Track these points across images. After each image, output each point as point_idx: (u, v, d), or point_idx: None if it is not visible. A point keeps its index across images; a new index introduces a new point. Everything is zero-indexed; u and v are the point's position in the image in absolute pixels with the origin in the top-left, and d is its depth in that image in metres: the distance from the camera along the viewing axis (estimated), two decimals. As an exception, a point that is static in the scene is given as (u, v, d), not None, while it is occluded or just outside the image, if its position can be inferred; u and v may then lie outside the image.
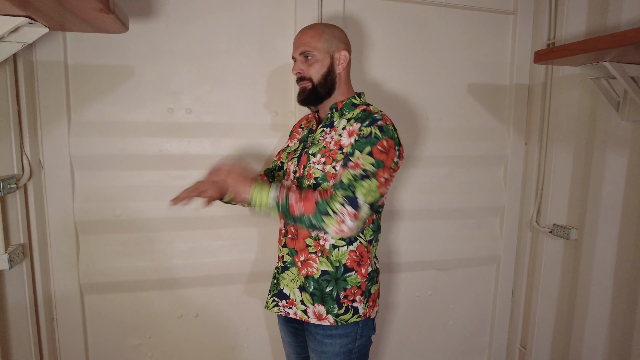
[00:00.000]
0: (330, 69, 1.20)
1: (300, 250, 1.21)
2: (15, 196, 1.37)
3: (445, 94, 1.91)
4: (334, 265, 1.17)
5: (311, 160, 1.18)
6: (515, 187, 2.04)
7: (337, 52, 1.21)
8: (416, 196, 1.93)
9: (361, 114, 1.16)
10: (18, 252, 1.33)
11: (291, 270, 1.24)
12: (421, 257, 1.98)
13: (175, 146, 1.64)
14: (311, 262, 1.19)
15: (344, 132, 1.15)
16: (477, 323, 2.15)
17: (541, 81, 1.93)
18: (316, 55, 1.19)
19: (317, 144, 1.20)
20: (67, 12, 0.87)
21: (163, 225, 1.68)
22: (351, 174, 1.05)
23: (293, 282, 1.23)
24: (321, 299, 1.19)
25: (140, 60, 1.59)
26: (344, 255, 1.17)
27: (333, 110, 1.22)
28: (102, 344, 1.70)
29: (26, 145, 1.43)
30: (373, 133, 1.09)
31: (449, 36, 1.87)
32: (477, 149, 1.98)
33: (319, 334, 1.21)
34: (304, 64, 1.21)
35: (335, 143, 1.15)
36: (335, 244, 1.17)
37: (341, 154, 1.12)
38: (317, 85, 1.20)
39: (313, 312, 1.20)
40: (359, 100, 1.24)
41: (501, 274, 2.09)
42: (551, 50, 1.37)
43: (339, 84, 1.23)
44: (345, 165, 1.07)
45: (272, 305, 1.28)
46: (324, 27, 1.22)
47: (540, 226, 1.94)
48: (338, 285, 1.18)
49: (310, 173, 1.16)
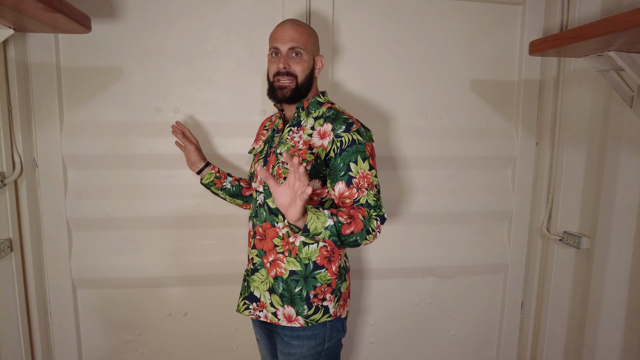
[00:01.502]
0: (311, 71, 1.21)
1: (269, 251, 1.19)
2: (4, 193, 1.42)
3: (445, 91, 1.81)
4: (303, 263, 1.16)
5: (279, 159, 1.17)
6: (524, 190, 1.89)
7: (317, 56, 1.22)
8: (413, 199, 1.83)
9: (328, 113, 1.17)
10: (4, 247, 1.39)
11: (261, 272, 1.22)
12: (419, 263, 1.88)
13: (163, 146, 1.65)
14: (279, 263, 1.17)
15: (314, 132, 1.15)
16: (482, 335, 2.01)
17: (553, 76, 1.78)
18: (304, 54, 1.18)
19: (285, 142, 1.19)
20: (12, 11, 0.88)
21: (152, 223, 1.70)
22: (372, 195, 1.08)
23: (263, 285, 1.21)
24: (290, 300, 1.17)
25: (129, 61, 1.61)
26: (314, 252, 1.16)
27: (299, 110, 1.20)
28: (94, 338, 1.75)
29: (19, 144, 1.49)
30: (356, 140, 1.10)
31: (449, 30, 1.77)
32: (482, 150, 1.85)
33: (286, 336, 1.19)
34: (291, 60, 1.16)
35: (304, 142, 1.14)
36: (305, 241, 1.15)
37: (311, 154, 1.12)
38: (300, 84, 1.18)
39: (283, 314, 1.18)
40: (323, 99, 1.24)
41: (509, 284, 1.95)
42: (544, 40, 1.25)
43: (313, 85, 1.23)
44: (351, 183, 1.07)
45: (243, 309, 1.26)
46: (309, 28, 1.22)
47: (551, 233, 1.78)
48: (307, 284, 1.16)
49: (280, 173, 1.16)
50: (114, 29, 1.59)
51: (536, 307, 1.91)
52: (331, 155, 1.10)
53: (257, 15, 1.66)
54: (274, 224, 1.17)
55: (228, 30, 1.65)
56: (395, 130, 1.78)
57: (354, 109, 1.73)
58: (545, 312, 1.83)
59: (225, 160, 1.70)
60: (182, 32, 1.63)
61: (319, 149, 1.11)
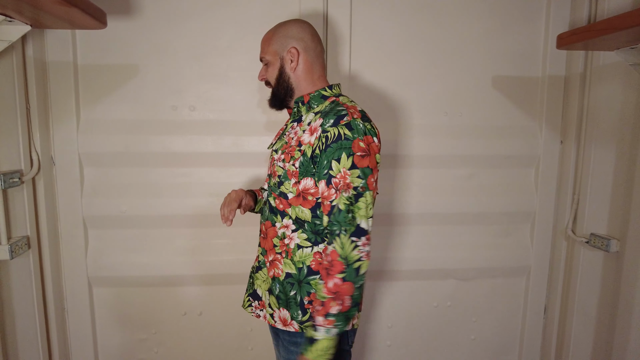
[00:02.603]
0: (281, 70, 1.14)
1: (269, 250, 1.16)
2: (22, 190, 1.43)
3: (466, 87, 1.75)
4: (297, 267, 1.10)
5: (274, 156, 1.14)
6: (548, 191, 1.82)
7: (285, 52, 1.13)
8: (432, 199, 1.78)
9: (328, 107, 1.08)
10: (21, 244, 1.39)
11: (263, 270, 1.19)
12: (438, 264, 1.82)
13: (178, 144, 1.64)
14: (277, 263, 1.13)
15: (308, 127, 1.08)
16: (503, 340, 1.95)
17: (579, 71, 1.70)
18: (269, 59, 1.16)
19: (282, 139, 1.16)
20: (28, 6, 0.87)
21: (167, 222, 1.69)
22: (345, 197, 0.97)
23: (265, 284, 1.19)
24: (286, 303, 1.12)
25: (144, 58, 1.61)
26: (308, 257, 1.09)
27: (299, 104, 1.15)
28: (110, 336, 1.75)
29: (37, 141, 1.50)
30: (342, 134, 0.98)
31: (470, 24, 1.71)
32: (504, 148, 1.79)
33: (285, 340, 1.15)
34: (264, 69, 1.19)
35: (297, 139, 1.09)
36: (300, 244, 1.09)
37: (298, 150, 1.06)
38: (274, 88, 1.17)
39: (279, 316, 1.14)
40: (330, 92, 1.14)
41: (531, 287, 1.88)
42: (573, 33, 1.19)
43: (297, 82, 1.14)
44: (330, 183, 0.98)
45: (247, 305, 1.24)
46: (276, 28, 1.17)
47: (577, 235, 1.71)
48: (302, 289, 1.10)
49: (275, 170, 1.12)
50: (129, 26, 1.58)
51: (560, 312, 1.84)
52: (316, 152, 1.01)
53: (271, 11, 1.63)
54: (274, 223, 1.14)
55: (243, 27, 1.63)
56: (414, 127, 1.73)
57: (371, 104, 1.69)
58: (571, 317, 1.75)
59: (240, 159, 1.68)
60: (197, 29, 1.61)
61: (306, 145, 1.04)
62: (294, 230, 1.09)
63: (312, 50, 1.14)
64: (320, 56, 1.16)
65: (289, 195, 1.07)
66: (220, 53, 1.63)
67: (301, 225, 1.08)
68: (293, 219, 1.08)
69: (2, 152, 1.35)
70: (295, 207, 1.07)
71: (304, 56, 1.13)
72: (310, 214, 1.06)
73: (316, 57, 1.15)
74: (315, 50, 1.15)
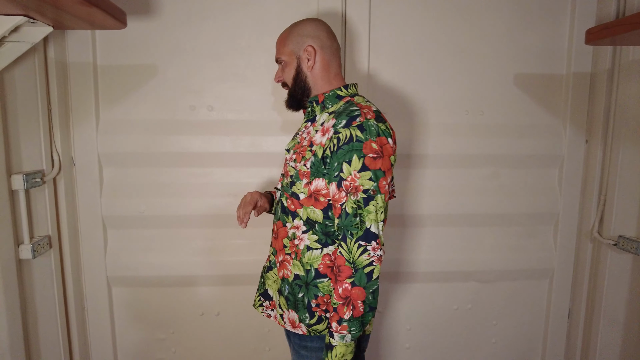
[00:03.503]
0: (298, 70, 1.12)
1: (279, 251, 1.15)
2: (43, 190, 1.45)
3: (488, 85, 1.71)
4: (305, 269, 1.08)
5: (286, 156, 1.13)
6: (572, 191, 1.77)
7: (301, 51, 1.11)
8: (452, 199, 1.75)
9: (342, 107, 1.05)
10: (43, 244, 1.40)
11: (274, 270, 1.18)
12: (458, 266, 1.79)
13: (196, 144, 1.64)
14: (286, 264, 1.12)
15: (320, 127, 1.05)
16: (526, 343, 1.90)
17: (606, 68, 1.65)
18: (285, 59, 1.14)
19: (294, 139, 1.14)
20: (50, 7, 0.87)
21: (185, 222, 1.69)
22: (353, 201, 0.95)
23: (275, 284, 1.17)
24: (294, 305, 1.10)
25: (163, 59, 1.61)
26: (316, 259, 1.06)
27: (314, 104, 1.12)
28: (129, 335, 1.76)
29: (57, 142, 1.51)
30: (354, 136, 0.95)
31: (492, 21, 1.67)
32: (527, 148, 1.74)
33: (295, 343, 1.14)
34: (280, 71, 1.17)
35: (309, 140, 1.07)
36: (309, 246, 1.07)
37: (309, 151, 1.03)
38: (291, 89, 1.15)
39: (288, 318, 1.12)
40: (345, 92, 1.11)
41: (555, 290, 1.83)
42: (605, 27, 1.14)
43: (313, 81, 1.12)
44: (340, 185, 0.96)
45: (258, 304, 1.23)
46: (291, 28, 1.14)
47: (603, 237, 1.66)
48: (309, 292, 1.07)
49: (287, 170, 1.11)
50: (148, 26, 1.58)
51: (586, 316, 1.79)
52: (327, 154, 0.99)
53: (289, 10, 1.62)
54: (285, 223, 1.12)
55: (261, 26, 1.62)
56: (434, 126, 1.70)
57: (390, 103, 1.67)
58: (597, 322, 1.70)
59: (258, 159, 1.67)
60: (216, 29, 1.61)
61: (317, 146, 1.02)
62: (304, 232, 1.07)
63: (328, 47, 1.12)
64: (336, 54, 1.14)
65: (301, 195, 1.06)
66: (239, 53, 1.63)
67: (312, 226, 1.06)
68: (304, 220, 1.07)
69: (25, 152, 1.36)
70: (307, 207, 1.05)
71: (320, 54, 1.11)
72: (322, 215, 1.04)
73: (332, 55, 1.13)
74: (332, 47, 1.13)
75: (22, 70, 1.34)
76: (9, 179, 1.29)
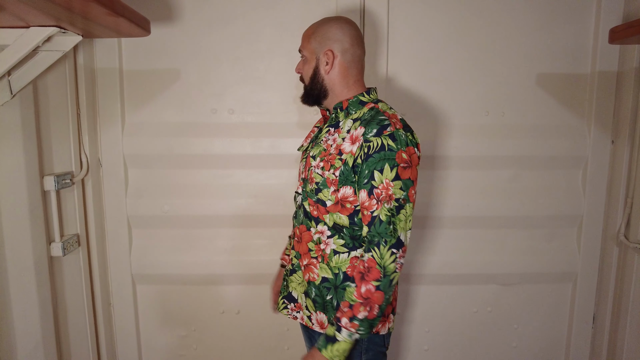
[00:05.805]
0: (315, 70, 1.12)
1: (304, 254, 1.16)
2: (72, 191, 1.51)
3: (509, 86, 1.69)
4: (334, 272, 1.09)
5: (312, 163, 1.11)
6: (597, 193, 1.73)
7: (322, 53, 1.10)
8: (473, 202, 1.73)
9: (367, 114, 1.06)
10: (72, 242, 1.47)
11: (298, 273, 1.19)
12: (479, 269, 1.77)
13: (218, 146, 1.68)
14: (312, 268, 1.13)
15: (348, 135, 1.06)
16: (548, 348, 1.86)
17: (634, 66, 1.60)
18: (306, 55, 1.14)
19: (319, 144, 1.13)
20: (80, 18, 0.92)
21: (207, 222, 1.73)
22: (387, 209, 0.97)
23: (300, 286, 1.19)
24: (323, 307, 1.12)
25: (185, 63, 1.66)
26: (344, 263, 1.08)
27: (338, 110, 1.13)
28: (152, 331, 1.82)
29: (86, 145, 1.57)
30: (385, 145, 0.97)
31: (512, 20, 1.65)
32: (549, 149, 1.71)
33: None
34: (301, 63, 1.17)
35: (337, 147, 1.06)
36: (336, 250, 1.08)
37: (339, 159, 1.04)
38: (307, 87, 1.16)
39: (316, 319, 1.14)
40: (367, 97, 1.11)
41: (578, 294, 1.79)
42: (630, 25, 1.12)
43: (331, 85, 1.12)
44: (372, 193, 0.98)
45: (282, 307, 1.25)
46: (318, 26, 1.13)
47: (630, 241, 1.61)
48: (338, 294, 1.09)
49: (312, 177, 1.10)
50: (171, 32, 1.63)
51: (611, 321, 1.74)
52: (358, 162, 1.00)
53: (309, 11, 1.63)
54: (309, 228, 1.13)
55: (281, 29, 1.65)
56: (454, 127, 1.69)
57: (409, 104, 1.67)
58: (623, 327, 1.66)
59: (277, 160, 1.69)
60: (236, 33, 1.64)
61: (348, 155, 1.02)
62: (329, 236, 1.09)
63: (349, 53, 1.11)
64: (358, 60, 1.13)
65: (328, 202, 1.07)
66: (260, 56, 1.66)
67: (339, 231, 1.07)
68: (329, 226, 1.08)
69: (55, 155, 1.43)
70: (333, 214, 1.07)
71: (340, 60, 1.10)
72: (348, 220, 1.05)
73: (353, 61, 1.12)
74: (354, 54, 1.11)
75: (54, 77, 1.41)
76: (41, 180, 1.35)
